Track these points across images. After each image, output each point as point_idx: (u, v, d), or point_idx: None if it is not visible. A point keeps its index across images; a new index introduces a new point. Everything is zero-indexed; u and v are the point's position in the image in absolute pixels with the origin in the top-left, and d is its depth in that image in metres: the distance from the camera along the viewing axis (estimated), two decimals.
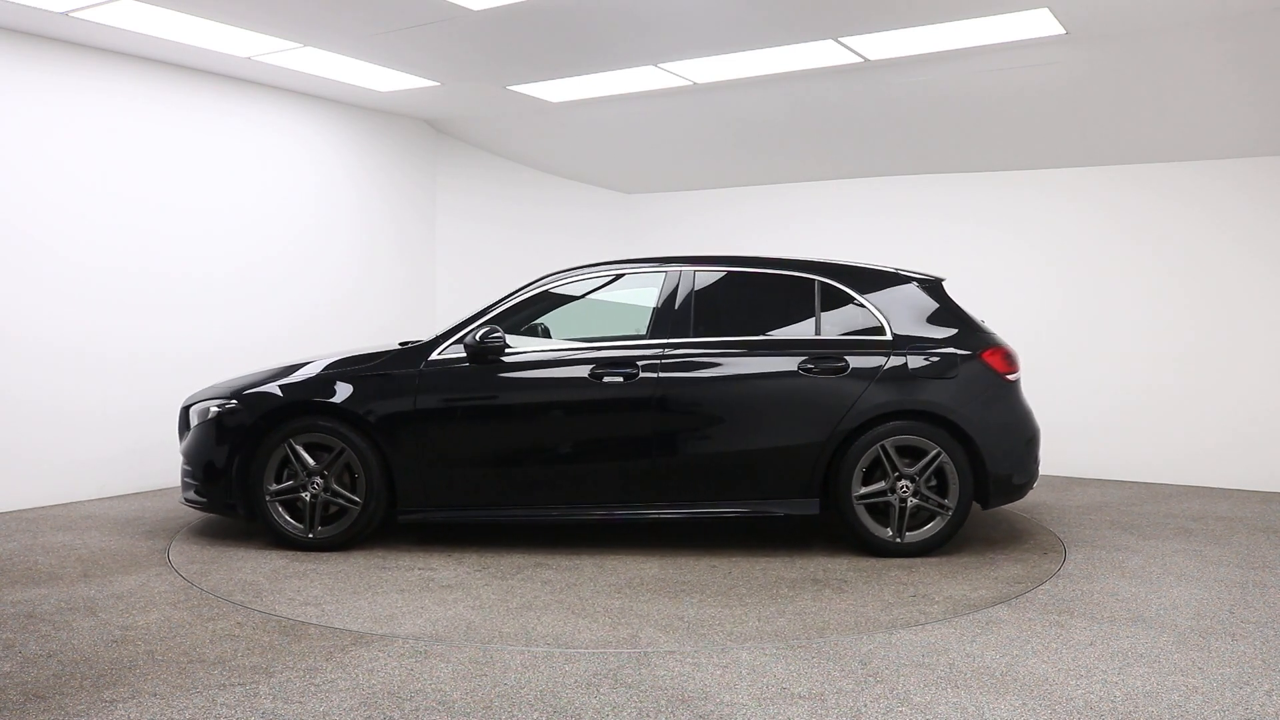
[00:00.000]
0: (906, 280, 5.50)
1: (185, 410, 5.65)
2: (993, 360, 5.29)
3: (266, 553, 5.28)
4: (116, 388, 6.69)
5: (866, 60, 6.35)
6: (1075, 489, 7.26)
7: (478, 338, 5.29)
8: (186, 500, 5.52)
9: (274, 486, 5.29)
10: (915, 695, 3.33)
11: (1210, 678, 3.52)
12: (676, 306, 5.41)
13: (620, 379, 5.24)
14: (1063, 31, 5.71)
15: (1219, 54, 5.91)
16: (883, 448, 5.16)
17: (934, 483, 5.19)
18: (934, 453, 5.15)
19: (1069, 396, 7.69)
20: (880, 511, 5.21)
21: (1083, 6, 5.35)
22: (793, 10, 5.51)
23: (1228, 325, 7.30)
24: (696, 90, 7.21)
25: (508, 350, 5.34)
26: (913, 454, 5.19)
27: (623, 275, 5.67)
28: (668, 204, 9.88)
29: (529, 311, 5.59)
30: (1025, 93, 6.68)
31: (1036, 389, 6.87)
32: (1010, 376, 5.34)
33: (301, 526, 5.29)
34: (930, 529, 5.20)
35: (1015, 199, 8.07)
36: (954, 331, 5.35)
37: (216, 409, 5.41)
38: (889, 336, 5.29)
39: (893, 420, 5.18)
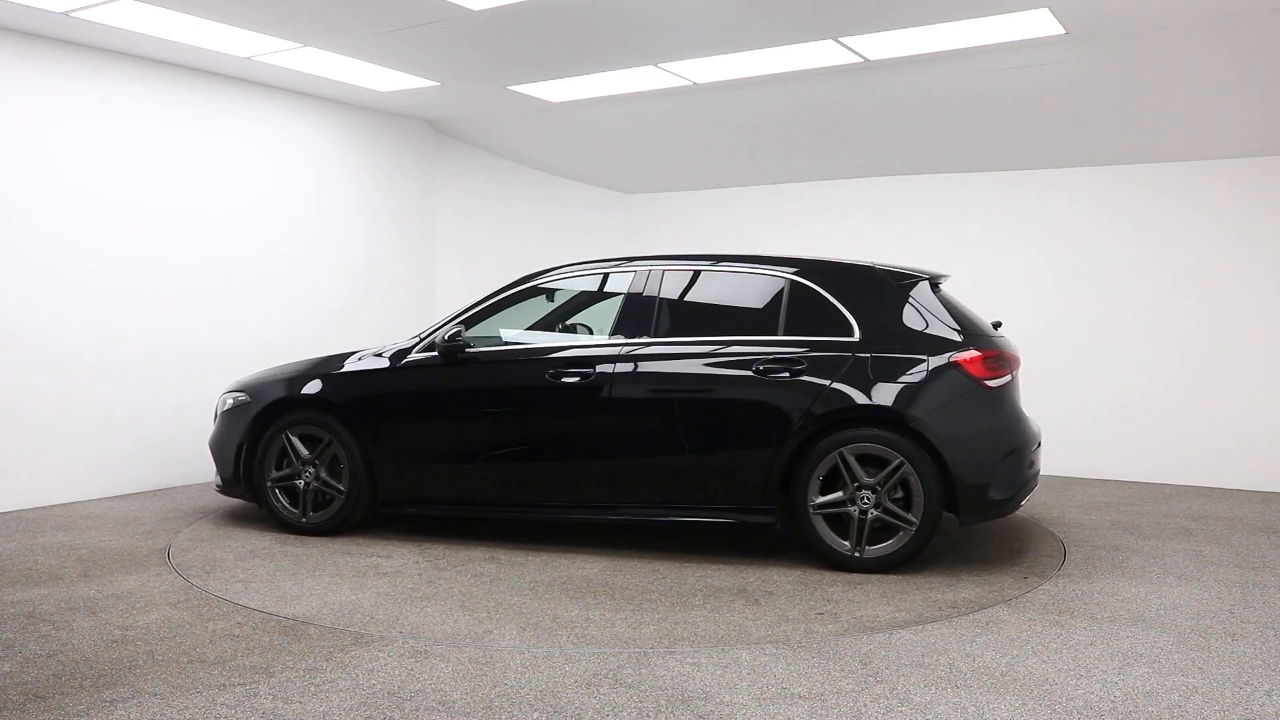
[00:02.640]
0: (884, 278, 5.14)
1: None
2: (969, 364, 4.86)
3: (263, 535, 5.65)
4: (117, 389, 6.69)
5: (866, 60, 6.35)
6: (1075, 489, 7.26)
7: (445, 338, 5.48)
8: (215, 486, 5.98)
9: (274, 474, 5.68)
10: (915, 695, 3.33)
11: (1210, 678, 3.52)
12: (640, 306, 5.33)
13: (577, 379, 5.22)
14: (1063, 31, 5.71)
15: (1219, 54, 5.91)
16: (841, 455, 4.83)
17: (900, 494, 4.82)
18: (896, 462, 4.77)
19: (1069, 396, 7.69)
20: (843, 523, 4.88)
21: (1083, 6, 5.35)
22: (793, 10, 5.51)
23: (1228, 325, 7.30)
24: (696, 90, 7.21)
25: (470, 350, 5.47)
26: (879, 463, 4.83)
27: (596, 275, 5.65)
28: (668, 204, 9.88)
29: (508, 311, 5.68)
30: (1025, 93, 6.68)
31: (1037, 389, 6.88)
32: (991, 382, 4.90)
33: (297, 511, 5.65)
34: (893, 544, 4.82)
35: (1015, 199, 8.07)
36: (929, 333, 4.95)
37: (231, 401, 5.86)
38: (856, 337, 4.97)
39: (854, 426, 4.85)
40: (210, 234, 7.20)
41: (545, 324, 5.82)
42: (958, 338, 4.95)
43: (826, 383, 4.89)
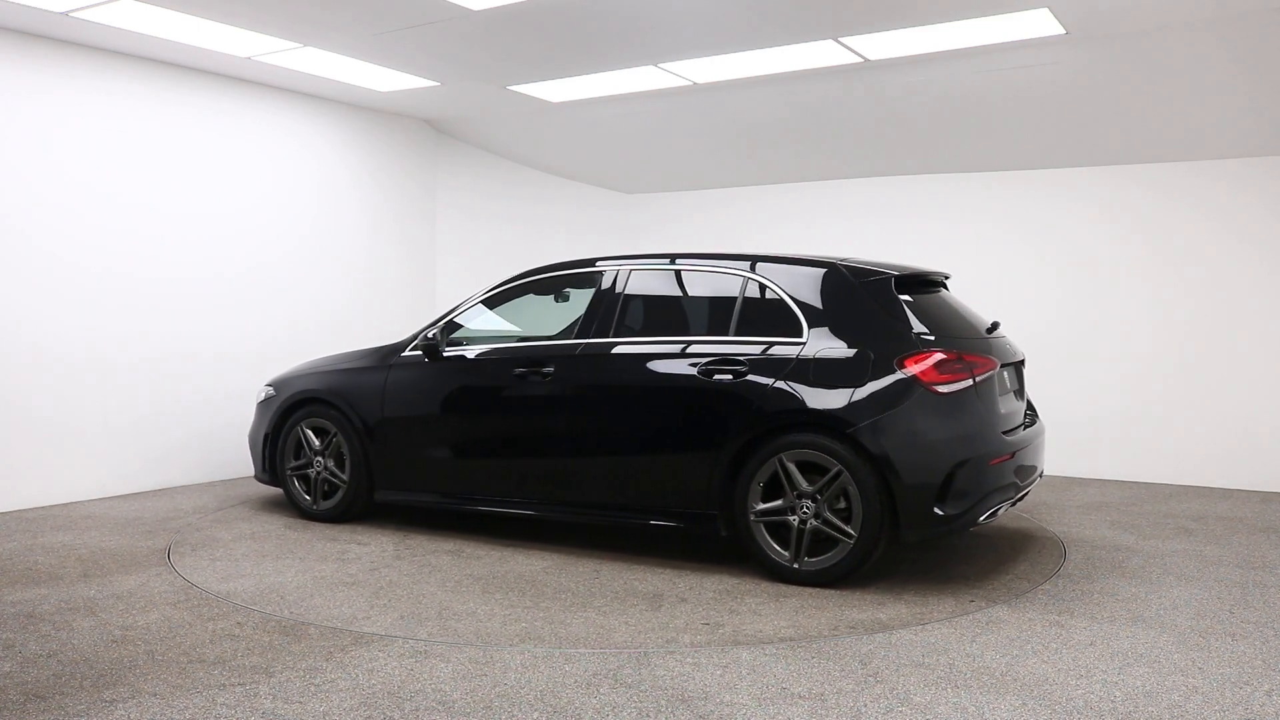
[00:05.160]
0: (843, 276, 4.85)
1: None
2: (918, 368, 4.51)
3: (275, 520, 6.10)
4: (117, 389, 6.69)
5: (866, 60, 6.35)
6: (1075, 489, 7.26)
7: (429, 337, 5.72)
8: (255, 475, 6.42)
9: (292, 463, 6.11)
10: (915, 695, 3.34)
11: (1210, 678, 3.52)
12: (605, 305, 5.33)
13: (540, 379, 5.28)
14: (1063, 31, 5.71)
15: (1219, 54, 5.91)
16: (780, 461, 4.61)
17: (843, 505, 4.54)
18: (834, 471, 4.51)
19: (1069, 396, 7.69)
20: (785, 532, 4.66)
21: (1083, 6, 5.35)
22: (793, 10, 5.51)
23: (1228, 325, 7.30)
24: (696, 90, 7.21)
25: (450, 349, 5.66)
26: (822, 471, 4.57)
27: (575, 274, 5.64)
28: (668, 204, 9.88)
29: (492, 310, 5.81)
30: (1025, 93, 6.68)
31: (1036, 389, 6.87)
32: (943, 388, 4.52)
33: (310, 499, 6.04)
34: (831, 557, 4.55)
35: (1015, 199, 8.07)
36: (881, 333, 4.64)
37: (263, 394, 6.33)
38: (804, 338, 4.73)
39: (794, 432, 4.62)
40: (210, 235, 7.20)
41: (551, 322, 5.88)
42: (912, 339, 4.62)
43: (768, 385, 4.68)
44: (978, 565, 5.04)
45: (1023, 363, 5.43)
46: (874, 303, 4.75)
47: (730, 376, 4.79)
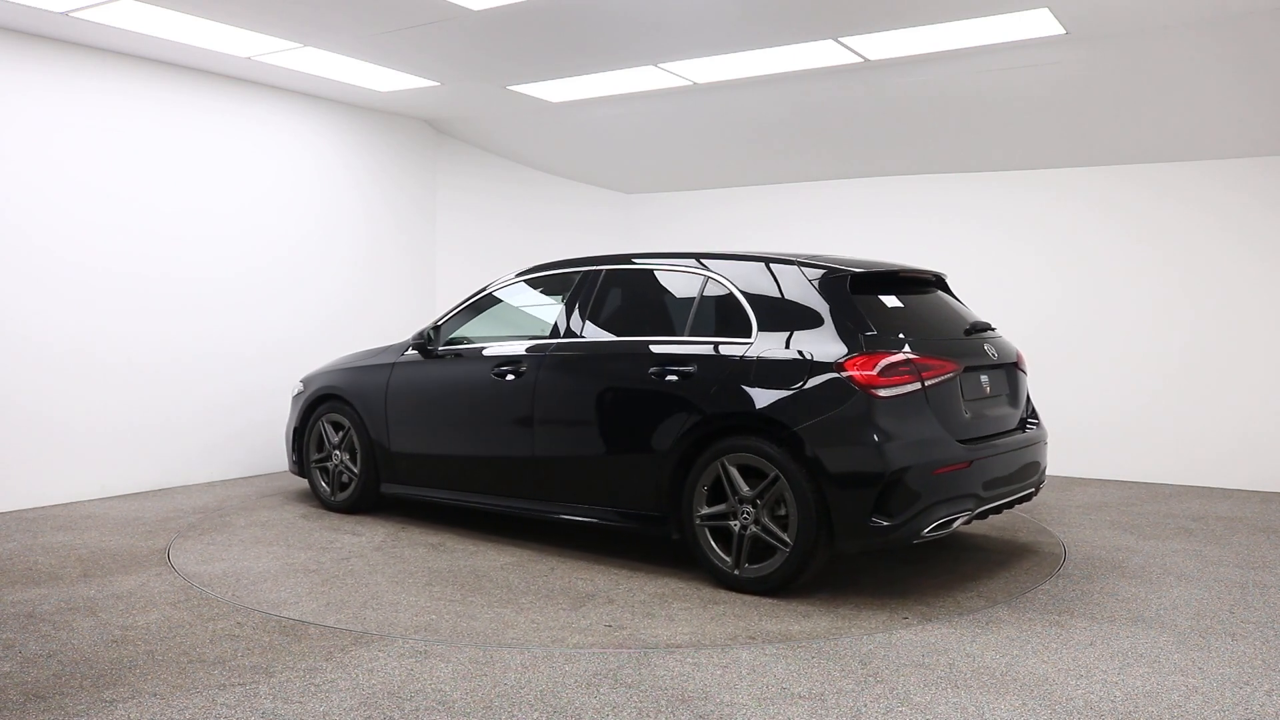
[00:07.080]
0: (799, 275, 4.69)
1: None
2: (855, 370, 4.30)
3: (294, 508, 6.45)
4: (117, 389, 6.68)
5: (866, 60, 6.35)
6: (1075, 489, 7.26)
7: (422, 335, 5.94)
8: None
9: (315, 456, 6.42)
10: (915, 695, 3.34)
11: (1210, 678, 3.52)
12: (577, 306, 5.36)
13: (513, 377, 5.35)
14: (1063, 31, 5.71)
15: (1219, 54, 5.91)
16: (722, 465, 4.52)
17: (784, 511, 4.39)
18: (771, 476, 4.38)
19: (1069, 396, 7.69)
20: (729, 537, 4.56)
21: (1083, 6, 5.35)
22: (793, 10, 5.51)
23: (1228, 325, 7.30)
24: (696, 90, 7.21)
25: (440, 349, 5.83)
26: (762, 476, 4.45)
27: (560, 274, 5.63)
28: (668, 204, 9.88)
29: (484, 312, 5.90)
30: (1025, 93, 6.68)
31: (1036, 389, 6.88)
32: (884, 391, 4.26)
33: (328, 490, 6.34)
34: (769, 564, 4.41)
35: (1015, 199, 8.07)
36: (826, 334, 4.45)
37: (296, 389, 6.65)
38: (751, 338, 4.62)
39: (736, 435, 4.51)
40: (210, 235, 7.20)
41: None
42: (860, 340, 4.39)
43: (711, 386, 4.61)
44: (976, 566, 5.04)
45: (1016, 365, 5.18)
46: (827, 302, 4.57)
47: (679, 377, 4.74)
